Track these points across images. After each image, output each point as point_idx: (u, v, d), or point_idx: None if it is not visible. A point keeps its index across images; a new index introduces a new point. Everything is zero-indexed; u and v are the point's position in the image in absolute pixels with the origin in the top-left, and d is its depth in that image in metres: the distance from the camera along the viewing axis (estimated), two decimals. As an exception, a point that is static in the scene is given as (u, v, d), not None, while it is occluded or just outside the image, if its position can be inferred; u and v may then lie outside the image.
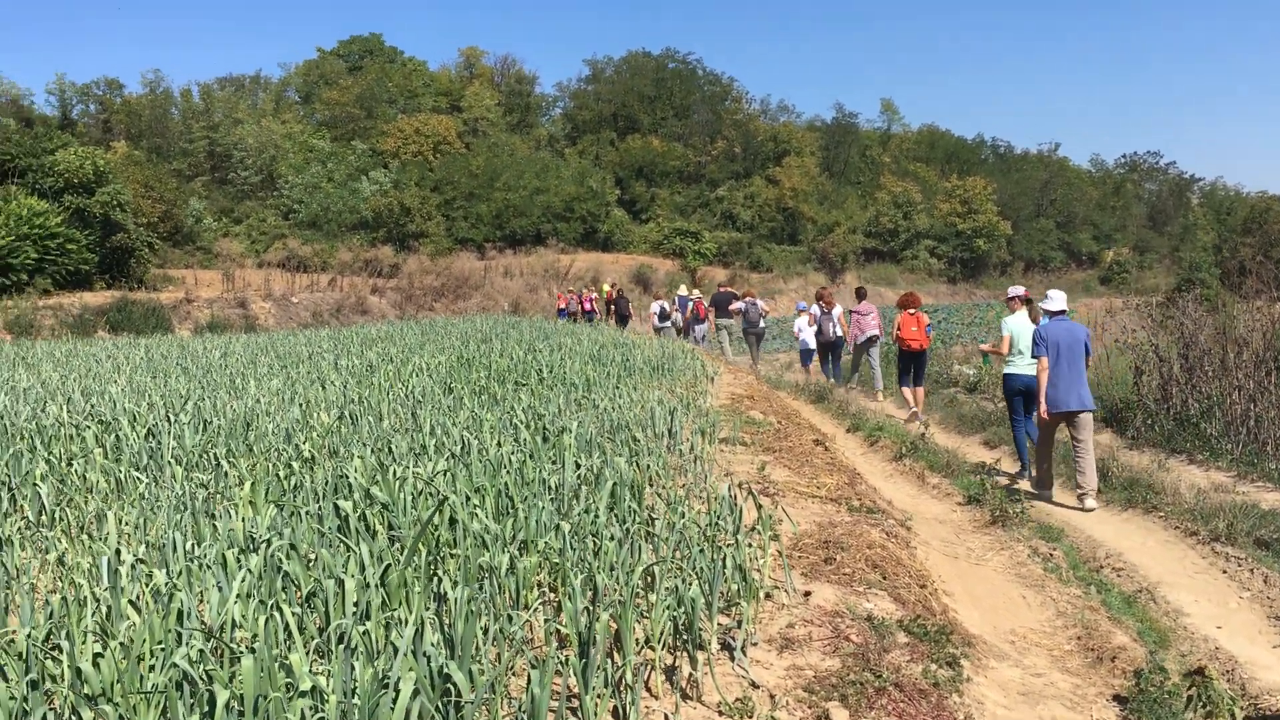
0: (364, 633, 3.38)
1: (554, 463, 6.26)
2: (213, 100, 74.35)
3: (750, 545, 5.03)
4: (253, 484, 5.47)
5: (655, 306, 29.40)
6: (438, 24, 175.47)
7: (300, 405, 9.04)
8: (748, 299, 23.05)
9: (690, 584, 4.15)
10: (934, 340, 19.90)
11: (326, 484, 5.62)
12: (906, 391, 15.59)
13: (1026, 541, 8.38)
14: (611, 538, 4.61)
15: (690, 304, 26.25)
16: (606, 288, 38.31)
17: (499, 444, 6.58)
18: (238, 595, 3.61)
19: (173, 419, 7.70)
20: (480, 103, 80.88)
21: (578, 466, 6.14)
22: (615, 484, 5.44)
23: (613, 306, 31.96)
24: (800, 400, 15.95)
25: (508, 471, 5.66)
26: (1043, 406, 9.96)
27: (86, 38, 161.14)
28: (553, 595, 4.49)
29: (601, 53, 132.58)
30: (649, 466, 6.44)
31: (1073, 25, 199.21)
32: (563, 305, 34.94)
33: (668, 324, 27.87)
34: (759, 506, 5.27)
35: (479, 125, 79.29)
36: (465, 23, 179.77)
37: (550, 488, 5.72)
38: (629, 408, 9.07)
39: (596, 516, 4.98)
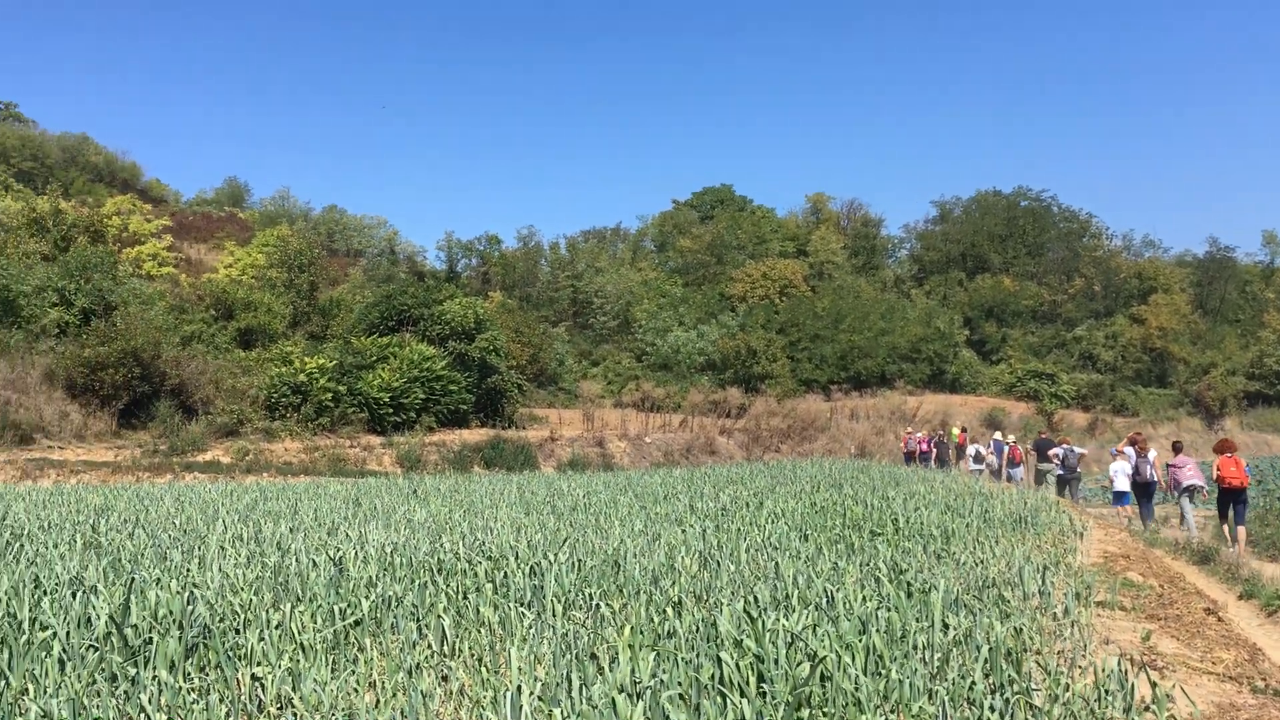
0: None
1: (919, 620, 6.12)
2: (577, 252, 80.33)
3: (1144, 726, 4.67)
4: (631, 628, 5.73)
5: (971, 449, 30.99)
6: (786, 173, 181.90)
7: (664, 548, 9.37)
8: (1064, 445, 25.15)
9: (1081, 765, 3.92)
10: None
11: (696, 631, 5.79)
12: (1225, 528, 16.71)
13: None
14: (992, 708, 4.45)
15: (1006, 448, 29.04)
16: (956, 431, 37.51)
17: (864, 599, 6.52)
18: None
19: (551, 558, 8.21)
20: (826, 246, 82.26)
21: (946, 627, 5.98)
22: (991, 648, 5.25)
23: (935, 449, 33.24)
24: (1180, 560, 14.65)
25: (877, 629, 5.59)
26: None
27: (472, 201, 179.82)
28: (929, 764, 4.37)
29: (949, 193, 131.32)
30: (1022, 630, 6.16)
31: None
32: (906, 448, 35.32)
33: (981, 465, 29.33)
34: (1152, 683, 4.90)
35: (825, 268, 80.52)
36: (812, 171, 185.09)
37: (917, 647, 5.59)
38: (993, 563, 8.74)
39: (974, 683, 4.82)
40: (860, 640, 5.35)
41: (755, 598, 6.69)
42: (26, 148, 70.72)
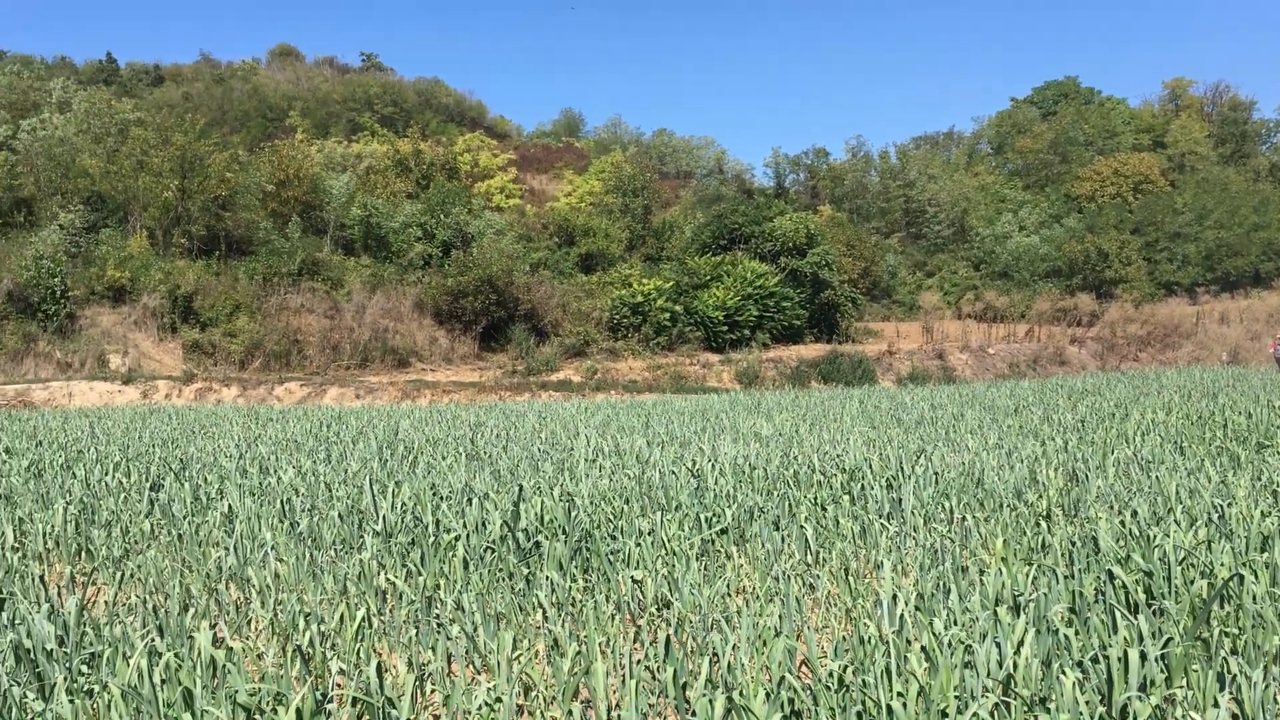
0: (1156, 706, 3.27)
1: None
2: (908, 159, 77.70)
3: None
4: (1003, 541, 5.57)
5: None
6: (1139, 59, 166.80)
7: (1023, 462, 9.02)
8: None
9: None
10: None
11: (1073, 546, 5.54)
12: None
13: None
14: None
15: None
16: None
17: (1264, 513, 5.98)
18: (1015, 651, 3.69)
19: (907, 471, 8.11)
20: (1187, 136, 75.18)
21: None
22: None
23: None
24: None
25: (1283, 547, 5.13)
26: None
27: (797, 115, 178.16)
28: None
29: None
30: None
31: None
32: (1276, 353, 33.99)
33: None
34: None
35: (1186, 160, 73.70)
36: (1170, 55, 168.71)
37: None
38: None
39: None
40: (1262, 558, 4.95)
41: (1134, 512, 6.31)
42: (388, 94, 76.67)
